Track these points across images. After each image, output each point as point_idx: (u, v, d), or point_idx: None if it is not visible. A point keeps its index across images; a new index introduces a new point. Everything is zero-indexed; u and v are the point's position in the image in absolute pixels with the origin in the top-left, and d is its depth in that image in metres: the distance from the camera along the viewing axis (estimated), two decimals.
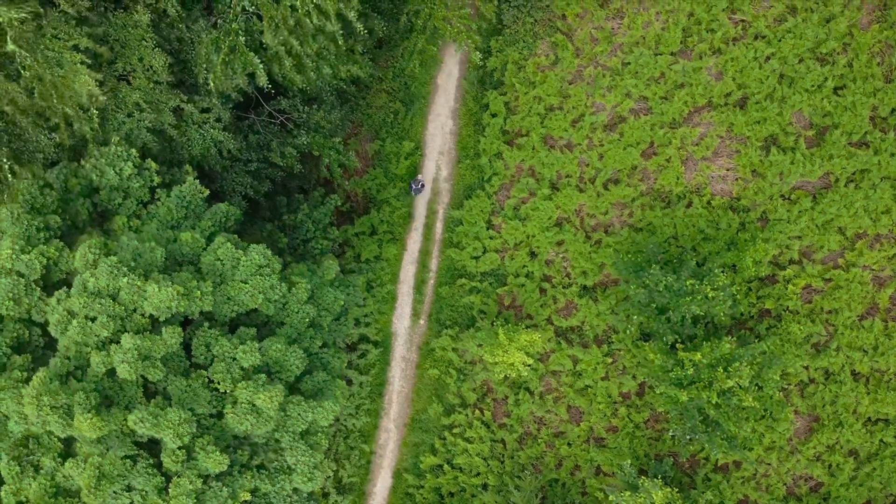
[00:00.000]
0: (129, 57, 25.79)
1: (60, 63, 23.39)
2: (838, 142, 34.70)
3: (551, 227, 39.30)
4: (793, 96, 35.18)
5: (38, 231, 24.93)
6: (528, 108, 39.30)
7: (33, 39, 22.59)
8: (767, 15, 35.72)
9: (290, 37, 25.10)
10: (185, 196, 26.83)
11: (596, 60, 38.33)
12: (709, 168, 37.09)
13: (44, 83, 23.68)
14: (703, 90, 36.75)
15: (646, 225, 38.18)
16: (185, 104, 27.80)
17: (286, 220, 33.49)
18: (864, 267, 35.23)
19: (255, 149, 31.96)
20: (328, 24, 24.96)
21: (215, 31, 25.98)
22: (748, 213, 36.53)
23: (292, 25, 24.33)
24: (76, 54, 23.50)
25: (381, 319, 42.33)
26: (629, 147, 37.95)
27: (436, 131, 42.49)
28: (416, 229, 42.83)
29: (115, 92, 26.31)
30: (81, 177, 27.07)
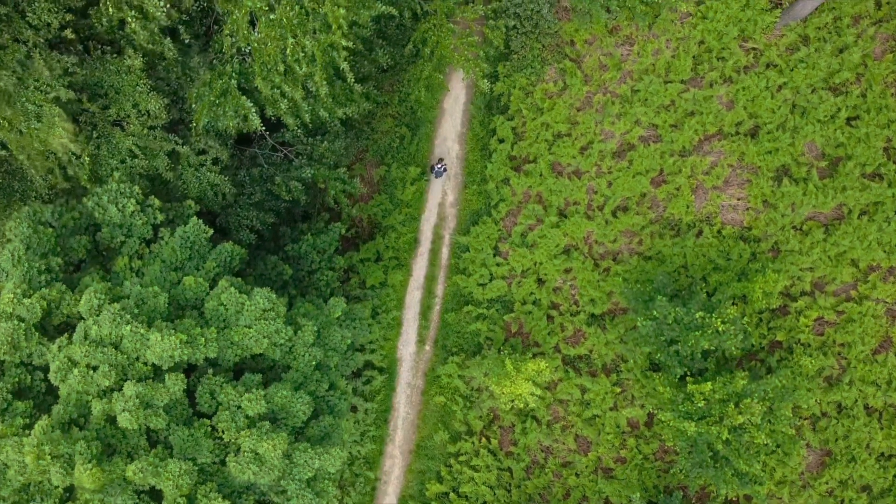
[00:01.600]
0: (123, 103, 25.35)
1: (39, 116, 22.95)
2: (851, 173, 34.16)
3: (559, 255, 38.82)
4: (805, 126, 34.64)
5: (39, 273, 24.53)
6: (535, 134, 38.81)
7: (14, 92, 22.17)
8: (779, 44, 35.18)
9: (283, 83, 24.69)
10: (189, 237, 26.40)
11: (605, 87, 37.83)
12: (719, 197, 36.57)
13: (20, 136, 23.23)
14: (714, 119, 36.23)
15: (655, 253, 37.67)
16: (180, 147, 27.37)
17: (290, 250, 33.05)
18: (878, 300, 34.69)
19: (259, 181, 31.49)
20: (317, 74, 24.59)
21: (210, 73, 25.55)
22: (759, 243, 35.99)
23: (282, 71, 23.93)
24: (55, 108, 23.02)
25: (386, 346, 41.92)
26: (638, 175, 37.44)
27: (442, 155, 42.06)
28: (421, 254, 42.40)
29: (108, 138, 25.87)
30: (81, 214, 26.66)
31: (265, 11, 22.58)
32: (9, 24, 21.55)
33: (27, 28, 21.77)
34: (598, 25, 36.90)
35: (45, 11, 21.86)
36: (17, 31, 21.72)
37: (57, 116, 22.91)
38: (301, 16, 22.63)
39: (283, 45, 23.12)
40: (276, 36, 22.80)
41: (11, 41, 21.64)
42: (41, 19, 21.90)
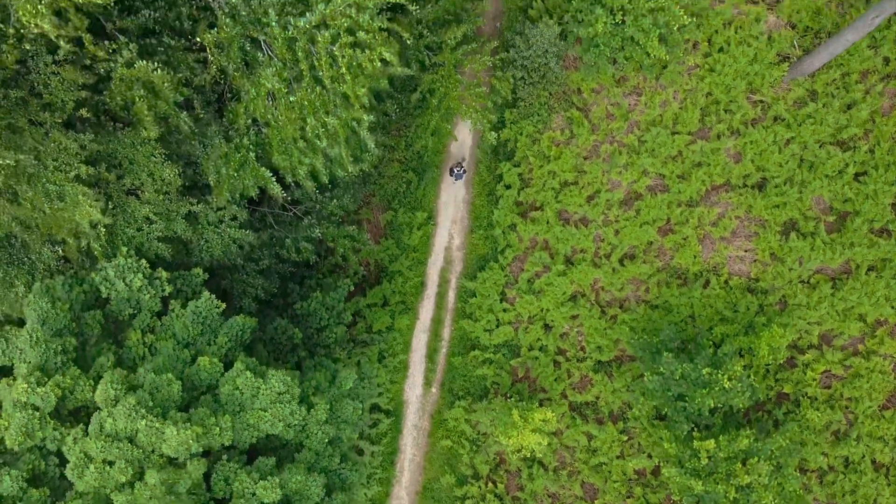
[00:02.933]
0: (138, 173, 25.34)
1: (62, 196, 22.99)
2: (860, 229, 34.24)
3: (566, 302, 38.91)
4: (813, 181, 34.70)
5: (55, 354, 24.56)
6: (542, 182, 38.82)
7: (34, 173, 22.18)
8: (787, 98, 35.18)
9: (302, 155, 24.67)
10: (200, 312, 26.43)
11: (612, 136, 37.83)
12: (726, 249, 36.65)
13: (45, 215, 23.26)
14: (722, 170, 36.27)
15: (662, 302, 37.76)
16: (197, 206, 27.37)
17: (298, 309, 33.08)
18: (885, 356, 34.82)
19: (268, 245, 31.49)
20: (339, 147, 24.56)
21: (226, 144, 25.54)
22: (767, 295, 36.09)
23: (302, 147, 23.92)
24: (77, 185, 23.07)
25: (392, 388, 42.02)
26: (645, 225, 37.49)
27: (448, 200, 42.06)
28: (428, 298, 42.46)
29: (124, 207, 25.87)
30: (89, 288, 26.68)
31: (284, 93, 22.57)
32: (25, 107, 21.55)
33: (43, 110, 21.77)
34: (605, 76, 36.86)
35: (61, 90, 21.83)
36: (33, 114, 21.73)
37: (81, 194, 22.94)
38: (322, 96, 22.61)
39: (303, 124, 23.12)
40: (296, 117, 22.79)
41: (28, 124, 21.63)
42: (57, 98, 21.90)
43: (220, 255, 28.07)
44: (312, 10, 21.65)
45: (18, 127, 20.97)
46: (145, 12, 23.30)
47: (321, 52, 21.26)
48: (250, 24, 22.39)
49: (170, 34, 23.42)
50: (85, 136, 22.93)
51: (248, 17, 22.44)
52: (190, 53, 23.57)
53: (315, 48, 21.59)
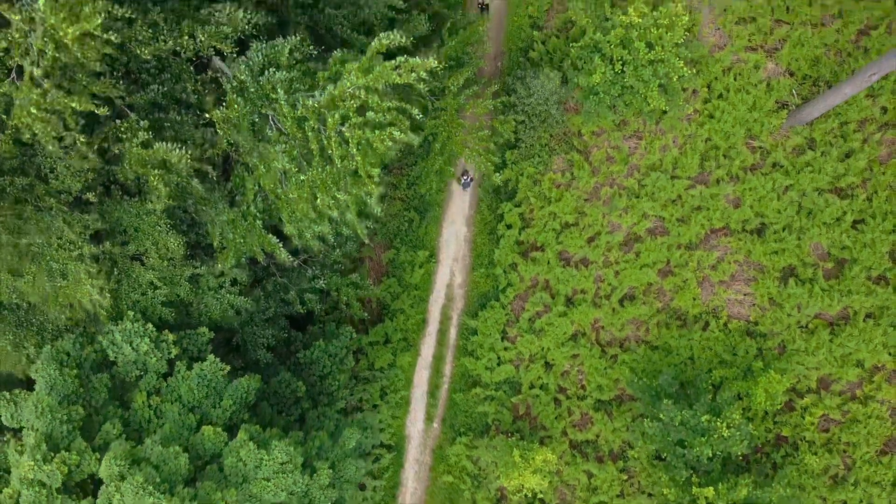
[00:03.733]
0: (143, 240, 25.66)
1: (65, 274, 23.28)
2: (857, 277, 34.54)
3: (566, 342, 39.25)
4: (811, 228, 34.99)
5: (61, 423, 24.90)
6: (543, 223, 39.11)
7: (39, 251, 22.47)
8: (786, 145, 35.46)
9: (312, 224, 24.96)
10: (205, 375, 26.77)
11: (612, 179, 38.12)
12: (725, 292, 36.95)
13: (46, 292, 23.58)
14: (721, 215, 36.55)
15: (662, 344, 38.09)
16: (200, 269, 27.71)
17: (302, 357, 33.42)
18: (883, 401, 35.15)
19: (273, 295, 31.81)
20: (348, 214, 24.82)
21: (232, 210, 25.83)
22: (766, 339, 36.41)
23: (312, 218, 24.20)
24: (80, 265, 23.36)
25: (394, 423, 42.38)
26: (645, 267, 37.80)
27: (450, 238, 42.37)
28: (429, 334, 42.80)
29: (128, 272, 26.20)
30: (98, 348, 27.02)
31: (294, 172, 22.85)
32: (31, 193, 21.86)
33: (49, 196, 22.08)
34: (605, 121, 37.12)
35: (68, 176, 22.14)
36: (39, 200, 22.04)
37: (83, 273, 23.23)
38: (332, 174, 22.88)
39: (314, 199, 23.37)
40: (306, 196, 23.06)
41: (34, 211, 21.95)
42: (63, 184, 22.21)
43: (217, 318, 28.41)
44: (321, 90, 21.91)
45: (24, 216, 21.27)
46: (154, 87, 23.59)
47: (331, 132, 21.52)
48: (258, 100, 22.65)
49: (177, 108, 23.71)
50: (90, 216, 23.23)
51: (257, 92, 22.69)
52: (198, 129, 23.84)
53: (325, 127, 21.86)
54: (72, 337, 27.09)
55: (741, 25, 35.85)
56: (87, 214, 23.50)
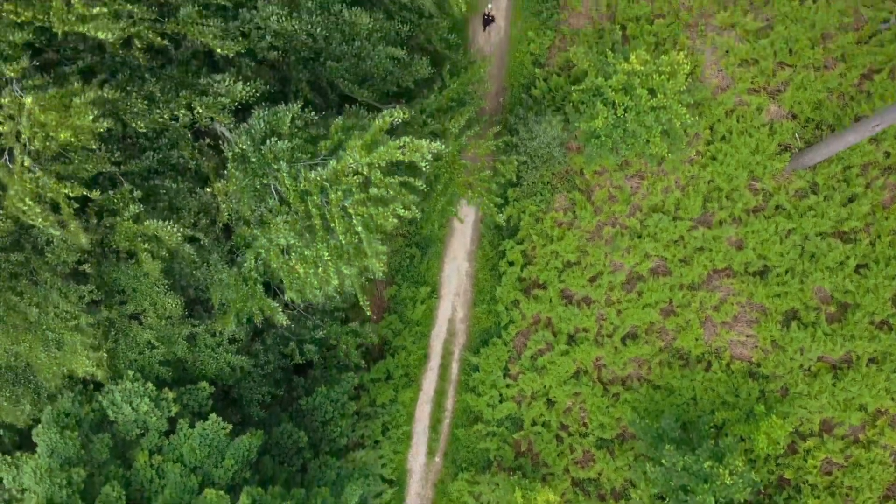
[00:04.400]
0: (140, 300, 25.63)
1: (60, 345, 23.26)
2: (860, 322, 34.41)
3: (568, 380, 39.20)
4: (814, 272, 34.85)
5: (60, 489, 24.92)
6: (545, 261, 39.03)
7: (36, 319, 22.45)
8: (788, 188, 35.30)
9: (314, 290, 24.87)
10: (207, 434, 26.77)
11: (614, 219, 38.00)
12: (728, 333, 36.85)
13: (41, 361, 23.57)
14: (723, 257, 36.43)
15: (664, 383, 38.02)
16: (198, 328, 27.68)
17: (304, 404, 33.41)
18: (886, 446, 35.06)
19: (272, 348, 31.78)
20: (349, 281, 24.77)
21: (231, 272, 25.75)
22: (768, 381, 36.33)
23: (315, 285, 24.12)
24: (76, 335, 23.34)
25: (396, 458, 42.39)
26: (647, 307, 37.71)
27: (452, 273, 42.31)
28: (431, 369, 42.79)
29: (126, 332, 26.17)
30: (98, 407, 27.01)
31: (297, 247, 22.77)
32: (26, 268, 21.82)
33: (45, 270, 22.04)
34: (607, 161, 36.98)
35: (63, 249, 22.10)
36: (34, 274, 22.00)
37: (79, 344, 23.20)
38: (336, 249, 22.83)
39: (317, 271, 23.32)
40: (310, 270, 22.99)
41: (30, 285, 21.92)
42: (59, 258, 22.16)
43: (213, 375, 28.41)
44: (324, 164, 21.83)
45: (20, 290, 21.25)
46: (150, 153, 23.51)
47: (334, 208, 21.43)
48: (260, 169, 22.57)
49: (173, 175, 23.64)
50: (86, 287, 23.19)
51: (259, 162, 22.61)
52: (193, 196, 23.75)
53: (328, 201, 21.78)
54: (70, 395, 27.08)
55: (744, 68, 35.67)
56: (83, 285, 23.47)
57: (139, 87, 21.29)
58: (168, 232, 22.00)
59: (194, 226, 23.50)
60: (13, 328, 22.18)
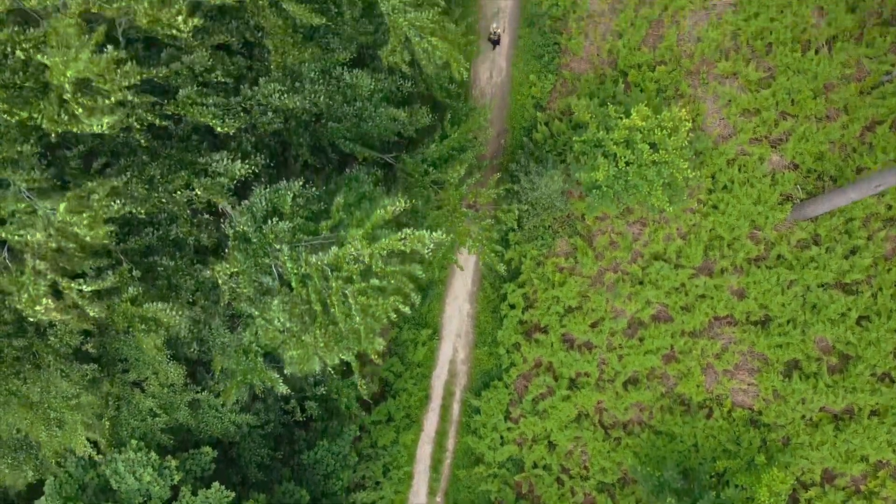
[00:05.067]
0: (143, 369, 25.65)
1: (61, 423, 23.26)
2: (862, 374, 34.37)
3: (569, 424, 39.21)
4: (816, 324, 34.79)
5: None
6: (546, 305, 39.00)
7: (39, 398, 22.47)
8: (790, 238, 35.22)
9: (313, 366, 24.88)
10: (210, 503, 26.78)
11: (616, 265, 37.97)
12: (730, 382, 36.82)
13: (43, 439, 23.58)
14: (725, 305, 36.38)
15: (666, 429, 38.00)
16: (200, 394, 27.68)
17: (305, 458, 33.42)
18: (886, 498, 35.03)
19: (272, 407, 31.78)
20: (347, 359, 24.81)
21: (233, 336, 25.75)
22: (770, 430, 36.30)
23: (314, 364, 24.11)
24: (77, 415, 23.33)
25: (397, 499, 42.46)
26: (649, 353, 37.69)
27: (453, 314, 42.29)
28: (432, 410, 42.82)
29: (128, 399, 26.19)
30: (99, 474, 27.03)
31: (296, 332, 22.76)
32: (29, 351, 21.83)
33: (48, 353, 22.04)
34: (609, 208, 36.90)
35: (65, 333, 22.10)
36: (37, 359, 22.01)
37: (80, 423, 23.21)
38: (335, 334, 22.84)
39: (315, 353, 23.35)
40: (309, 356, 23.01)
41: (33, 369, 21.94)
42: (62, 341, 22.15)
43: (219, 435, 28.40)
44: (326, 249, 21.81)
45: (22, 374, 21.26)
46: (148, 230, 23.48)
47: (334, 297, 21.42)
48: (261, 249, 22.55)
49: (171, 252, 23.61)
50: (88, 366, 23.18)
51: (259, 242, 22.59)
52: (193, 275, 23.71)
53: (328, 286, 21.77)
54: (74, 460, 27.10)
55: (745, 117, 35.59)
56: (85, 364, 23.47)
57: (139, 172, 21.24)
58: (167, 315, 21.98)
59: (193, 304, 23.44)
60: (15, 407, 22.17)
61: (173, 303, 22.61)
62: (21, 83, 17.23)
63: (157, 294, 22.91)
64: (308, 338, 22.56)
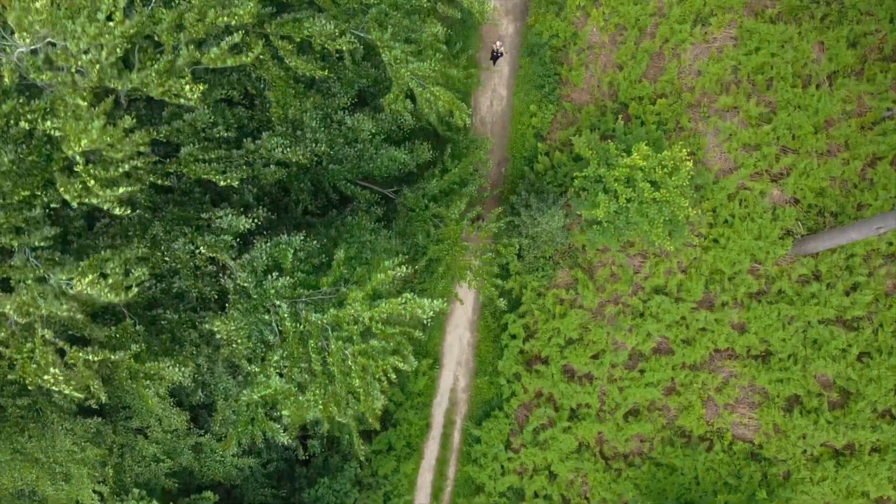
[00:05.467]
0: (146, 417, 25.66)
1: (67, 477, 23.25)
2: (863, 411, 34.42)
3: (570, 455, 39.24)
4: (817, 360, 34.84)
5: None
6: (547, 337, 39.02)
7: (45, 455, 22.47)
8: (791, 273, 35.25)
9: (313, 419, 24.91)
10: None
11: (617, 297, 37.99)
12: (730, 415, 36.87)
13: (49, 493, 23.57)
14: (726, 339, 36.43)
15: (667, 462, 38.05)
16: (203, 437, 27.69)
17: (307, 497, 33.44)
18: None
19: (274, 446, 31.78)
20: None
21: (234, 385, 25.76)
22: (771, 465, 36.34)
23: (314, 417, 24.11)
24: (83, 468, 23.32)
25: None
26: (650, 385, 37.73)
27: (454, 342, 42.29)
28: (433, 438, 42.81)
29: (132, 446, 26.21)
30: None
31: (294, 392, 22.76)
32: (33, 410, 21.82)
33: (52, 411, 22.03)
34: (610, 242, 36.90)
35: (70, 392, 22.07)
36: (42, 416, 22.00)
37: (86, 477, 23.22)
38: (335, 396, 22.84)
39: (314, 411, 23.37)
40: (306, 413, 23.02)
41: (37, 428, 21.93)
42: (66, 399, 22.15)
43: (221, 479, 28.40)
44: (326, 305, 21.82)
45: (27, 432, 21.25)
46: (152, 282, 23.45)
47: (334, 355, 21.42)
48: (261, 305, 22.54)
49: (175, 305, 23.61)
50: (92, 420, 23.19)
51: (260, 297, 22.58)
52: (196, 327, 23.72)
53: (328, 346, 21.78)
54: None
55: (746, 152, 35.61)
56: (89, 419, 23.47)
57: (142, 232, 21.22)
58: (170, 371, 21.98)
59: (196, 356, 23.45)
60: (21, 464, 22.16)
61: (177, 357, 22.59)
62: (24, 156, 17.21)
63: (161, 348, 22.90)
64: (309, 395, 22.57)
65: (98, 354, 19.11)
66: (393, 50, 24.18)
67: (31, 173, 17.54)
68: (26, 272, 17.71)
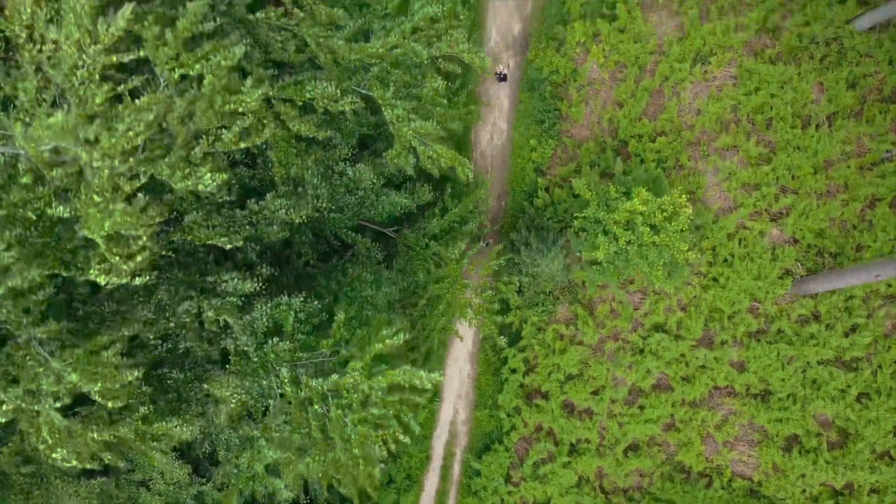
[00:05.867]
0: (148, 470, 25.76)
1: None
2: (862, 452, 34.58)
3: (570, 489, 39.38)
4: (816, 400, 35.00)
5: None
6: (547, 372, 39.16)
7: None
8: (791, 314, 35.38)
9: None
10: None
11: (617, 333, 38.11)
12: (730, 453, 37.03)
13: None
14: (725, 377, 36.57)
15: (666, 497, 38.20)
16: (205, 486, 27.80)
17: None
18: None
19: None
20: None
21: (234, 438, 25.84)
22: (770, 503, 36.49)
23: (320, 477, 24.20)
24: None
25: None
26: (649, 422, 37.87)
27: (454, 374, 42.38)
28: (433, 470, 42.94)
29: (135, 499, 26.32)
30: None
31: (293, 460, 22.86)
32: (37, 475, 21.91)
33: (56, 476, 22.12)
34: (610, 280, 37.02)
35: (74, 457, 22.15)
36: (46, 482, 22.10)
37: None
38: (335, 462, 22.92)
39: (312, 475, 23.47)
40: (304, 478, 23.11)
41: (42, 493, 22.02)
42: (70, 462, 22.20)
43: None
44: (327, 370, 21.93)
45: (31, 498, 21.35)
46: (157, 343, 23.53)
47: (334, 422, 21.50)
48: (262, 367, 22.63)
49: (180, 364, 23.70)
50: (96, 480, 23.28)
51: (260, 360, 22.67)
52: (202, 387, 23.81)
53: (328, 412, 21.87)
54: None
55: (746, 192, 35.72)
56: (93, 479, 23.55)
57: (147, 297, 21.30)
58: (177, 431, 22.08)
59: (202, 415, 23.55)
60: None
61: (183, 416, 22.69)
62: (36, 238, 17.27)
63: (167, 407, 22.99)
64: (309, 461, 22.66)
65: (104, 433, 19.20)
66: (395, 109, 24.25)
67: (43, 254, 17.59)
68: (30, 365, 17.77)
